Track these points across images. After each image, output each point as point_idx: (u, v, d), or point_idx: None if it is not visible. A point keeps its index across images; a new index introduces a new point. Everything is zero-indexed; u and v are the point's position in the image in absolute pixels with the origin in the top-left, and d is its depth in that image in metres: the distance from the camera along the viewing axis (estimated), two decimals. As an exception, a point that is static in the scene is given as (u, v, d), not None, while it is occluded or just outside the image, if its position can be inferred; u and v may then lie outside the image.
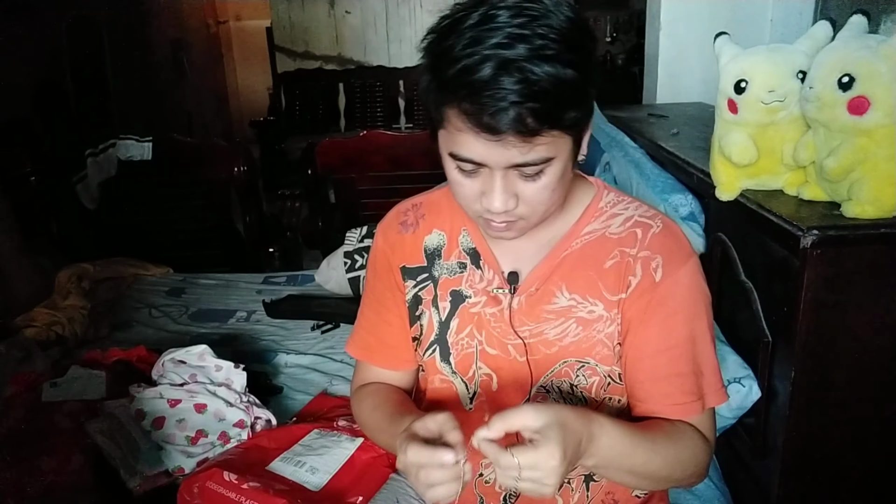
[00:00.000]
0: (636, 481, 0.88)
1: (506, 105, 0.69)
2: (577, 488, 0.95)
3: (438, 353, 0.95)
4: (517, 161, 0.74)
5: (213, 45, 6.27)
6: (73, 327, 1.92)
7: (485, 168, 0.77)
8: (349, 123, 5.33)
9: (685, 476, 0.86)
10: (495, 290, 0.92)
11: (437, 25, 0.76)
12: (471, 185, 0.79)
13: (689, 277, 0.87)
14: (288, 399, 1.65)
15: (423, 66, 0.77)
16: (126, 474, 1.29)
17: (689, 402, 0.86)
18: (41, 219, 2.58)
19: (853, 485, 1.23)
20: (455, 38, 0.72)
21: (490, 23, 0.71)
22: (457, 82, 0.71)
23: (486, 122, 0.71)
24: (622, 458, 0.79)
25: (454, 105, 0.73)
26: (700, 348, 0.87)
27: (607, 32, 5.61)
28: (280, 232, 3.01)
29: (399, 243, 0.98)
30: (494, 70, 0.69)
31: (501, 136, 0.71)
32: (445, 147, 0.79)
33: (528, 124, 0.71)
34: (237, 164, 2.71)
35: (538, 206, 0.80)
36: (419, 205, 1.00)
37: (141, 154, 2.73)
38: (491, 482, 0.97)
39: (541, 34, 0.70)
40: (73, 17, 3.40)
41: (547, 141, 0.73)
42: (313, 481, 1.23)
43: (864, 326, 1.13)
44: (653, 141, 1.76)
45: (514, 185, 0.77)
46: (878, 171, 1.06)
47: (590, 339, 0.89)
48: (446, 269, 0.95)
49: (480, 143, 0.73)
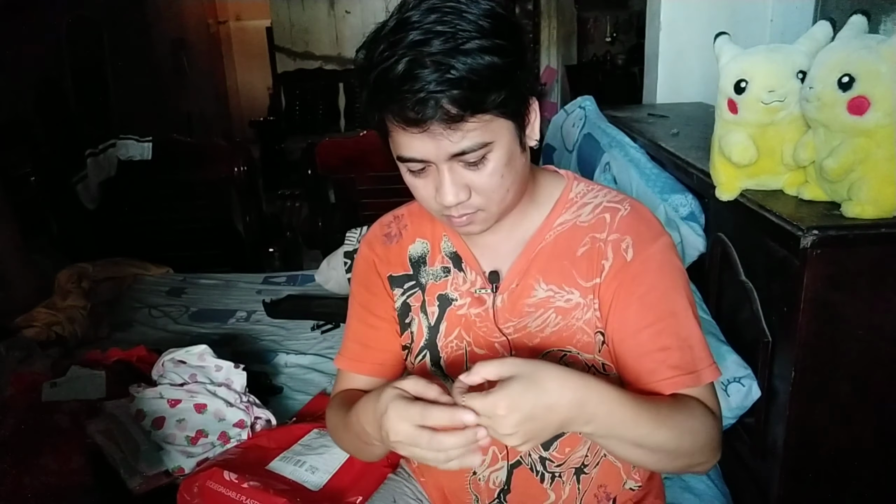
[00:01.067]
0: (645, 456, 0.81)
1: (424, 95, 0.72)
2: (568, 481, 0.96)
3: (429, 358, 0.96)
4: (453, 150, 0.76)
5: (213, 45, 6.28)
6: (73, 327, 1.92)
7: (431, 165, 0.79)
8: (349, 123, 5.34)
9: (697, 447, 0.82)
10: (479, 291, 0.93)
11: (362, 44, 0.80)
12: (424, 184, 0.82)
13: (661, 254, 0.87)
14: (288, 399, 1.65)
15: (356, 82, 0.81)
16: (126, 474, 1.29)
17: (679, 376, 0.84)
18: (41, 219, 2.58)
19: (853, 485, 1.23)
20: (374, 47, 0.76)
21: (405, 25, 0.74)
22: (380, 86, 0.75)
23: (409, 116, 0.73)
24: (625, 427, 0.75)
25: (384, 108, 0.76)
26: (683, 323, 0.86)
27: (607, 32, 5.62)
28: (280, 232, 3.02)
29: (385, 254, 1.00)
30: (409, 65, 0.72)
31: (427, 127, 0.74)
32: (393, 152, 0.81)
33: (451, 112, 0.73)
34: (237, 164, 2.71)
35: (492, 193, 0.81)
36: (401, 216, 1.02)
37: (141, 154, 2.73)
38: (485, 480, 0.97)
39: (453, 27, 0.73)
40: (73, 17, 3.40)
41: (477, 126, 0.75)
42: (313, 481, 1.23)
43: (864, 326, 1.13)
44: (653, 141, 1.76)
45: (461, 176, 0.79)
46: (877, 171, 1.06)
47: (569, 327, 0.90)
48: (432, 274, 0.97)
49: (413, 139, 0.76)
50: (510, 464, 0.96)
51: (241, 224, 2.79)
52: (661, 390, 0.84)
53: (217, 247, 2.81)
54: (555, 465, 0.95)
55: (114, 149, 2.73)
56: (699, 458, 0.84)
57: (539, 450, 0.94)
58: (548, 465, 0.95)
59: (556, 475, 0.95)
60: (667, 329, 0.85)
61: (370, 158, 2.46)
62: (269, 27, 5.61)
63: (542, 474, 0.95)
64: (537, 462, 0.95)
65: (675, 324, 0.86)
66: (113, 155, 2.73)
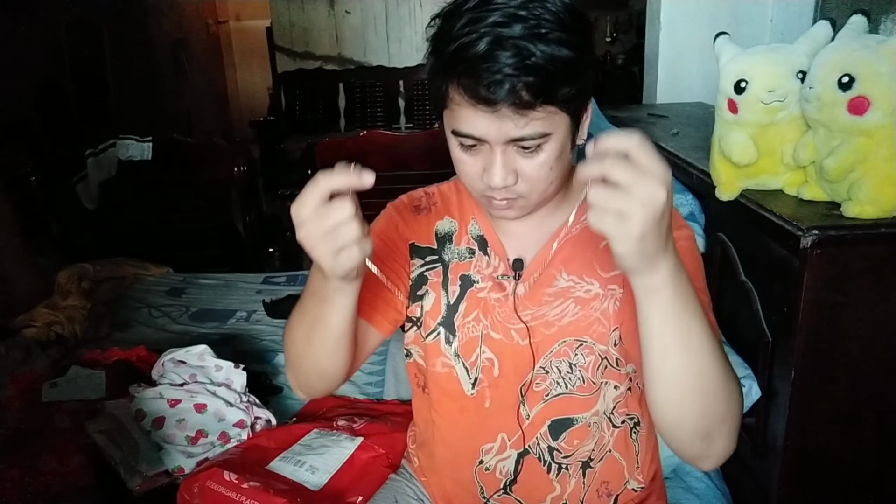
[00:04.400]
0: (694, 381, 0.71)
1: (500, 77, 0.72)
2: (574, 474, 0.96)
3: (443, 336, 0.96)
4: (514, 135, 0.76)
5: (213, 45, 6.28)
6: (73, 327, 1.92)
7: (485, 145, 0.79)
8: (349, 123, 5.33)
9: (736, 408, 0.75)
10: (500, 278, 0.94)
11: (440, 12, 0.80)
12: (472, 162, 0.81)
13: (684, 241, 0.88)
14: (288, 399, 1.65)
15: (428, 50, 0.81)
16: (126, 474, 1.29)
17: None
18: (41, 219, 2.58)
19: (853, 484, 1.23)
20: (455, 20, 0.76)
21: (488, 3, 0.75)
22: (455, 58, 0.75)
23: (482, 95, 0.74)
24: (679, 323, 0.68)
25: (454, 81, 0.76)
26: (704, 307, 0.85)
27: (607, 32, 5.61)
28: (280, 232, 3.01)
29: (412, 222, 1.00)
30: (490, 45, 0.72)
31: (497, 108, 0.74)
32: (448, 126, 0.81)
33: (523, 97, 0.73)
34: (237, 164, 2.71)
35: (537, 182, 0.81)
36: (432, 193, 1.02)
37: (141, 154, 2.73)
38: (492, 469, 0.98)
39: (536, 15, 0.73)
40: (73, 17, 3.40)
41: (542, 116, 0.76)
42: (313, 481, 1.23)
43: (864, 326, 1.13)
44: (653, 141, 1.76)
45: (513, 161, 0.79)
46: (877, 171, 1.06)
47: (587, 317, 0.91)
48: (457, 253, 0.97)
49: (478, 116, 0.76)
50: (518, 452, 0.96)
51: (241, 224, 2.79)
52: None
53: (217, 247, 2.80)
54: (562, 457, 0.95)
55: (114, 149, 2.73)
56: (728, 424, 0.76)
57: (548, 439, 0.95)
58: (556, 456, 0.95)
59: (563, 467, 0.96)
60: None
61: (370, 158, 2.44)
62: (269, 27, 5.60)
63: (550, 465, 0.96)
64: (546, 452, 0.95)
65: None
66: (113, 155, 2.73)
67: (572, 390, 0.93)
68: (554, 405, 0.94)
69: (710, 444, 0.77)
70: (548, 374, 0.93)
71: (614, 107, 2.27)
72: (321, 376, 0.89)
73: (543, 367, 0.93)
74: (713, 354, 0.72)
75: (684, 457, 0.81)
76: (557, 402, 0.93)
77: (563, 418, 0.94)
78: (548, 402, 0.94)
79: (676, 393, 0.73)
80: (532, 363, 0.92)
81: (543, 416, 0.94)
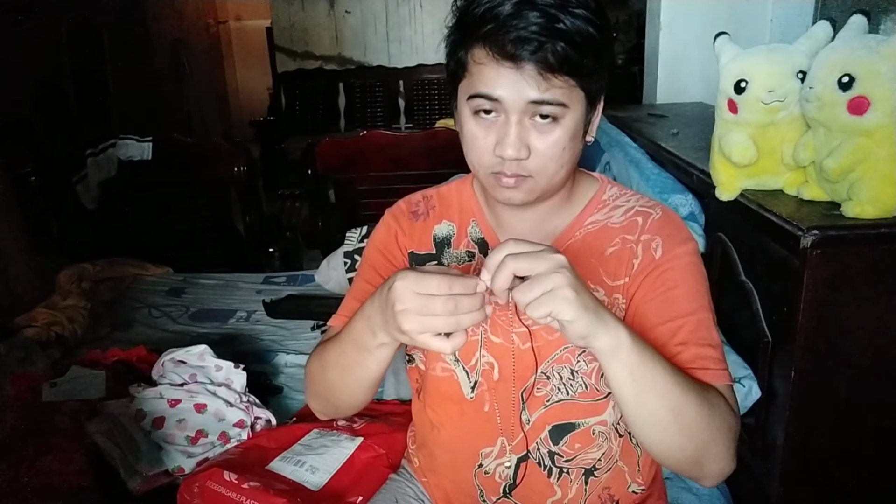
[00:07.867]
0: (670, 419, 0.75)
1: (527, 35, 0.74)
2: (576, 480, 0.96)
3: None
4: (534, 97, 0.77)
5: (213, 45, 6.28)
6: (73, 327, 1.92)
7: (500, 117, 0.79)
8: (349, 123, 5.33)
9: (722, 432, 0.78)
10: None
11: None
12: (485, 135, 0.81)
13: (688, 256, 0.89)
14: (288, 399, 1.65)
15: (450, 25, 0.82)
16: (126, 474, 1.29)
17: (693, 370, 0.82)
18: (41, 219, 2.58)
19: (853, 485, 1.23)
20: None
21: None
22: (483, 18, 0.76)
23: (508, 50, 0.75)
24: (644, 370, 0.72)
25: (478, 41, 0.77)
26: (703, 325, 0.86)
27: (607, 32, 5.60)
28: (280, 232, 3.02)
29: (409, 229, 1.00)
30: (518, 7, 0.74)
31: (521, 66, 0.75)
32: (465, 94, 0.82)
33: (549, 60, 0.74)
34: (237, 164, 2.71)
35: (549, 161, 0.81)
36: (430, 197, 1.02)
37: (141, 154, 2.73)
38: (491, 472, 0.97)
39: None
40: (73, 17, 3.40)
41: (563, 85, 0.76)
42: (313, 481, 1.23)
43: (864, 326, 1.13)
44: (653, 141, 1.76)
45: (527, 135, 0.80)
46: (877, 171, 1.06)
47: None
48: (455, 257, 0.97)
49: (501, 75, 0.76)
50: (518, 457, 0.96)
51: (241, 224, 2.79)
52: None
53: (217, 247, 2.80)
54: (563, 461, 0.95)
55: (114, 149, 2.73)
56: (717, 447, 0.79)
57: (548, 443, 0.94)
58: (556, 460, 0.95)
59: (563, 471, 0.95)
60: (686, 326, 0.86)
61: (370, 158, 2.46)
62: (269, 27, 5.61)
63: (550, 469, 0.95)
64: (546, 456, 0.95)
65: (694, 322, 0.86)
66: (113, 155, 2.73)
67: (574, 396, 0.92)
68: (555, 410, 0.93)
69: (703, 468, 0.82)
70: (549, 379, 0.92)
71: (614, 107, 2.27)
72: (353, 407, 0.95)
73: (545, 373, 0.92)
74: (682, 387, 0.75)
75: (684, 477, 0.84)
76: (558, 407, 0.93)
77: (565, 423, 0.94)
78: (549, 407, 0.93)
79: (657, 432, 0.78)
80: (534, 367, 0.92)
81: (544, 421, 0.94)
